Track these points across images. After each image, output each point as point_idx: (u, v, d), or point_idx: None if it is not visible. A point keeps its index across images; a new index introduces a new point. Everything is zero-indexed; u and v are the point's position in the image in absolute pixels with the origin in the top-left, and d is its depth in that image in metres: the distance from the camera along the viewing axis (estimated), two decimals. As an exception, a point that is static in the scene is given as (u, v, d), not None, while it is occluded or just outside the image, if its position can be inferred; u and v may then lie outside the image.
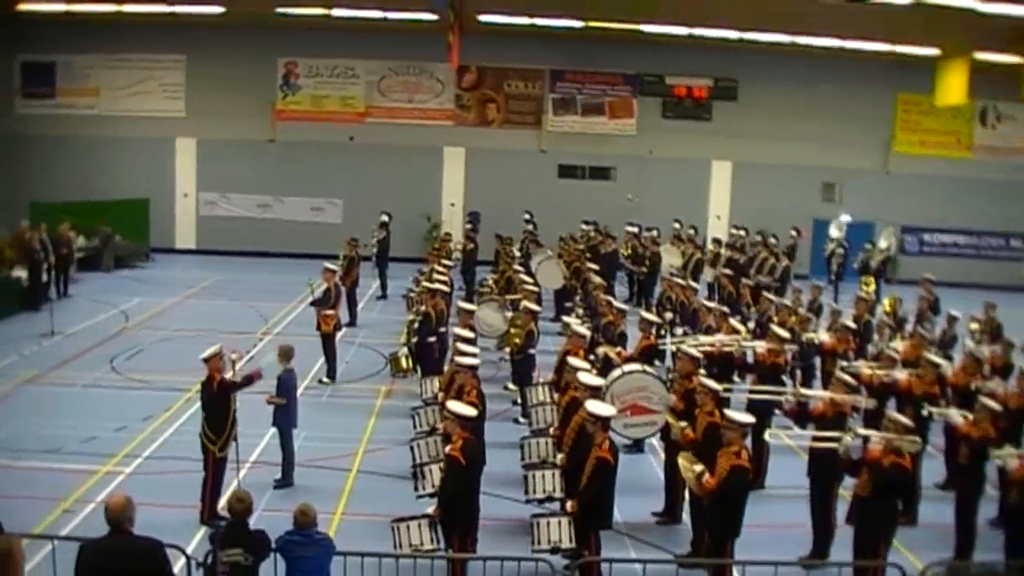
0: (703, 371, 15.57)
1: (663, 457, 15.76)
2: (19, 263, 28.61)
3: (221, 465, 14.11)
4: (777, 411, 16.62)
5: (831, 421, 13.57)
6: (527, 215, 34.93)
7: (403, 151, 39.17)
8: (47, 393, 20.31)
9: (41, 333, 25.03)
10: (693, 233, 33.73)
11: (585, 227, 33.91)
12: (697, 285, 25.34)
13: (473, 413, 12.28)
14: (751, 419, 12.17)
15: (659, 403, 14.50)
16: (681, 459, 12.44)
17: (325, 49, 38.98)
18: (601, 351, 18.05)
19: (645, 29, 34.18)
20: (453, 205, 39.82)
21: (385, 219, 31.82)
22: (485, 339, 21.25)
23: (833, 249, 34.85)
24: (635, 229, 32.87)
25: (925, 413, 14.97)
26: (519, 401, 19.48)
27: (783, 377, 17.48)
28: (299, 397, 16.19)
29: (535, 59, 39.15)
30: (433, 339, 20.19)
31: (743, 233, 33.39)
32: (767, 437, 15.68)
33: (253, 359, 16.67)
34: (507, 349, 20.84)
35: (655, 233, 32.32)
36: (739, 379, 18.34)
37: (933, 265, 33.12)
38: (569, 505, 11.87)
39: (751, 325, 21.11)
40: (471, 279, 30.60)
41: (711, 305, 21.54)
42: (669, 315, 22.29)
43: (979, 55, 33.14)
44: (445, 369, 18.32)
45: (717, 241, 33.04)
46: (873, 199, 38.94)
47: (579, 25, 34.18)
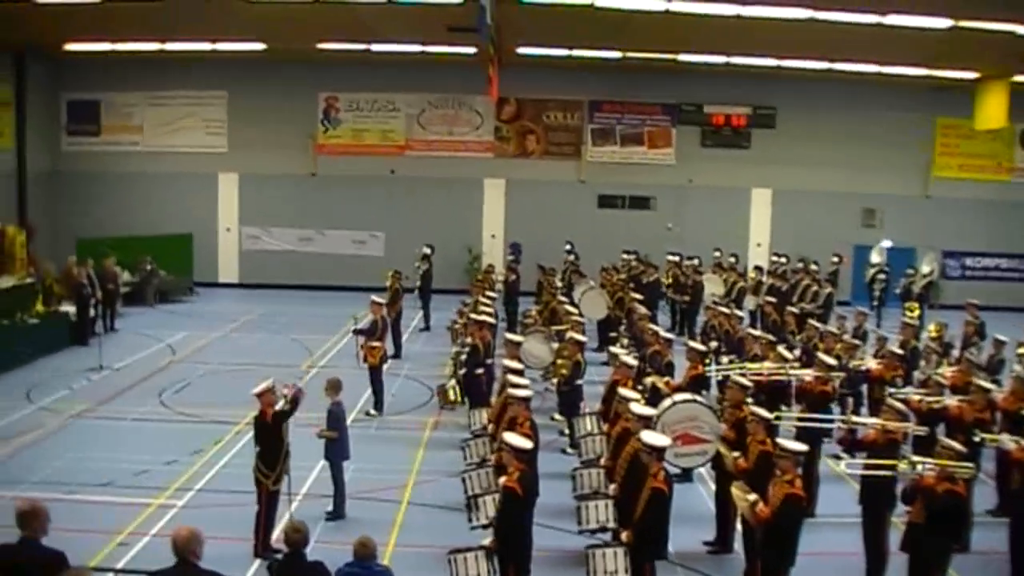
0: (751, 399, 15.56)
1: (713, 486, 15.77)
2: (67, 298, 28.96)
3: (274, 498, 14.21)
4: (826, 439, 16.59)
5: (882, 449, 13.51)
6: (568, 245, 34.96)
7: (443, 183, 39.32)
8: (98, 427, 20.49)
9: (89, 367, 25.25)
10: (734, 261, 33.71)
11: (626, 257, 33.95)
12: (741, 313, 25.32)
13: (529, 445, 12.35)
14: (804, 447, 12.17)
15: (710, 432, 14.52)
16: (735, 488, 12.44)
17: (365, 83, 39.21)
18: (649, 381, 18.06)
19: (682, 59, 34.23)
20: (494, 237, 39.91)
21: (427, 251, 31.98)
22: (531, 370, 21.27)
23: (874, 275, 34.74)
24: (676, 258, 32.90)
25: (977, 439, 14.87)
26: (566, 432, 19.52)
27: (831, 405, 17.43)
28: (348, 428, 16.23)
29: (573, 90, 39.27)
30: (481, 371, 20.26)
31: (784, 260, 33.34)
32: (838, 467, 15.55)
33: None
34: (554, 380, 20.89)
35: (696, 262, 32.34)
36: (785, 407, 18.29)
37: (975, 289, 32.96)
38: (624, 536, 11.87)
39: (796, 353, 21.05)
40: (514, 310, 30.62)
41: (756, 333, 21.50)
42: (714, 344, 22.30)
43: (1018, 78, 33.02)
44: (492, 400, 18.41)
45: (759, 269, 33.00)
46: (913, 224, 38.74)
47: (617, 56, 34.24)
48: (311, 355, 27.22)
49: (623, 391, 14.96)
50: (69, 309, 28.60)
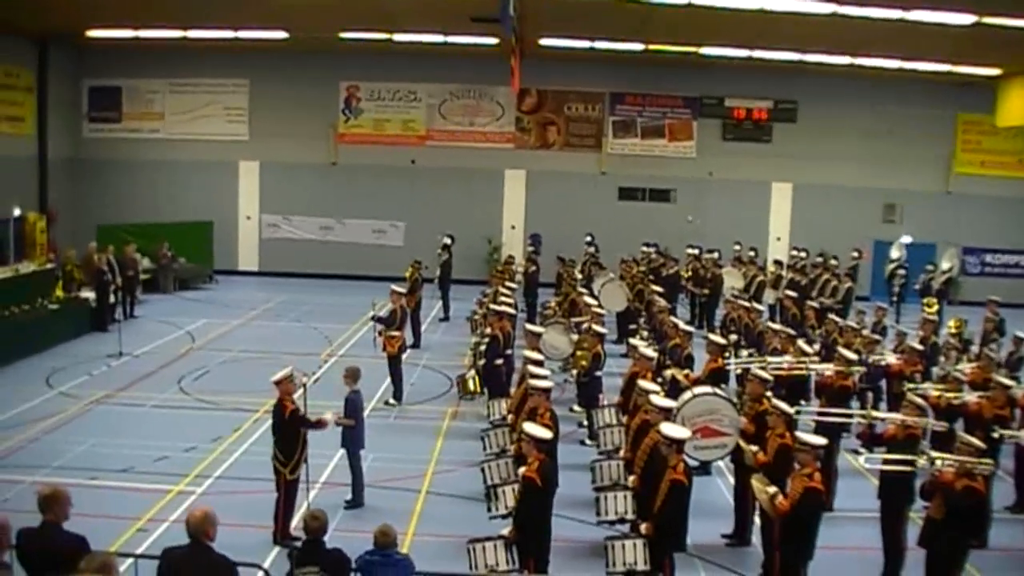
0: (771, 393, 15.54)
1: (731, 479, 15.77)
2: (87, 285, 29.06)
3: (293, 486, 14.25)
4: (844, 434, 16.57)
5: (902, 444, 13.49)
6: (588, 237, 34.92)
7: (464, 174, 39.38)
8: (117, 413, 20.58)
9: (109, 354, 25.36)
10: (754, 255, 33.65)
11: (646, 249, 33.92)
12: (761, 307, 25.29)
13: (549, 435, 12.38)
14: (824, 441, 12.16)
15: (730, 425, 14.50)
16: (755, 481, 12.44)
17: (386, 73, 39.28)
18: (668, 373, 18.06)
19: (704, 52, 34.12)
20: (514, 228, 39.94)
21: (447, 241, 32.03)
22: (550, 361, 21.24)
23: (894, 270, 34.62)
24: (696, 251, 32.87)
25: (996, 435, 14.83)
26: (585, 423, 19.54)
27: (851, 400, 17.40)
28: (366, 418, 16.25)
29: (595, 82, 39.27)
30: (500, 361, 20.30)
31: (804, 255, 33.27)
32: (856, 462, 15.53)
33: (319, 381, 16.77)
34: (573, 371, 20.91)
35: (716, 255, 32.29)
36: (805, 402, 18.27)
37: (995, 286, 32.91)
38: (644, 527, 11.88)
39: (816, 347, 21.00)
40: (533, 301, 30.64)
41: (776, 327, 21.46)
42: (734, 337, 22.27)
43: (1041, 74, 32.92)
44: (512, 391, 18.43)
45: (778, 263, 32.94)
46: (934, 220, 38.64)
47: (639, 48, 34.13)
48: (330, 344, 27.24)
49: (643, 383, 14.95)
50: (89, 295, 28.71)
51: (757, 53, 33.55)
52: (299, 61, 38.28)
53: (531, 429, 12.15)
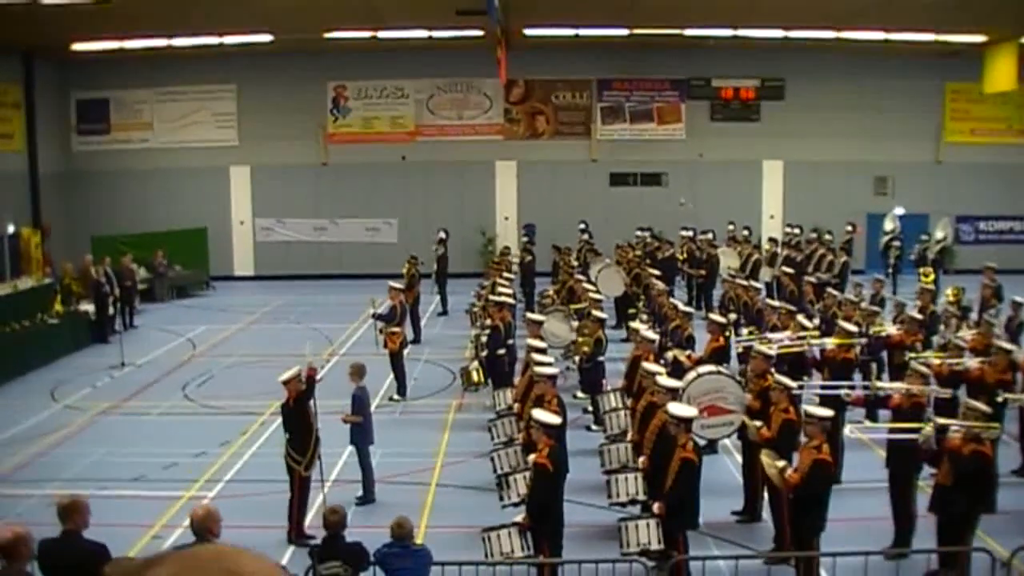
0: (773, 370, 15.60)
1: (738, 457, 15.85)
2: (85, 297, 29.08)
3: (306, 484, 14.34)
4: (849, 406, 16.65)
5: (908, 412, 13.57)
6: (582, 224, 34.93)
7: (455, 167, 39.38)
8: (124, 423, 20.64)
9: (111, 365, 25.42)
10: (748, 234, 33.70)
11: (641, 233, 33.94)
12: (758, 285, 25.36)
13: (558, 421, 12.46)
14: (831, 413, 12.24)
15: (735, 403, 14.56)
16: (764, 455, 12.53)
17: (373, 71, 39.23)
18: (670, 355, 18.13)
19: (689, 33, 34.15)
20: (507, 219, 39.97)
21: (443, 236, 32.07)
22: (551, 349, 21.27)
23: (888, 242, 34.66)
24: (690, 233, 32.92)
25: (1000, 400, 14.92)
26: (589, 409, 19.62)
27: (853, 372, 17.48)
28: (372, 414, 16.36)
29: (582, 69, 39.25)
30: (502, 351, 20.38)
31: (798, 231, 33.33)
32: (848, 432, 15.64)
33: (323, 380, 16.79)
34: (576, 358, 20.98)
35: (710, 236, 32.34)
36: (806, 377, 18.33)
37: (990, 253, 32.86)
38: (656, 507, 11.97)
39: (815, 322, 21.08)
40: (531, 291, 30.64)
41: (775, 304, 21.55)
42: (733, 316, 22.35)
43: (1027, 39, 32.92)
44: (515, 381, 18.51)
45: (773, 240, 33.02)
46: (926, 190, 38.66)
47: (624, 33, 34.19)
48: (331, 343, 27.28)
49: (647, 365, 15.04)
50: (88, 308, 28.72)
51: (742, 31, 33.62)
52: (285, 63, 38.22)
53: (540, 415, 12.23)
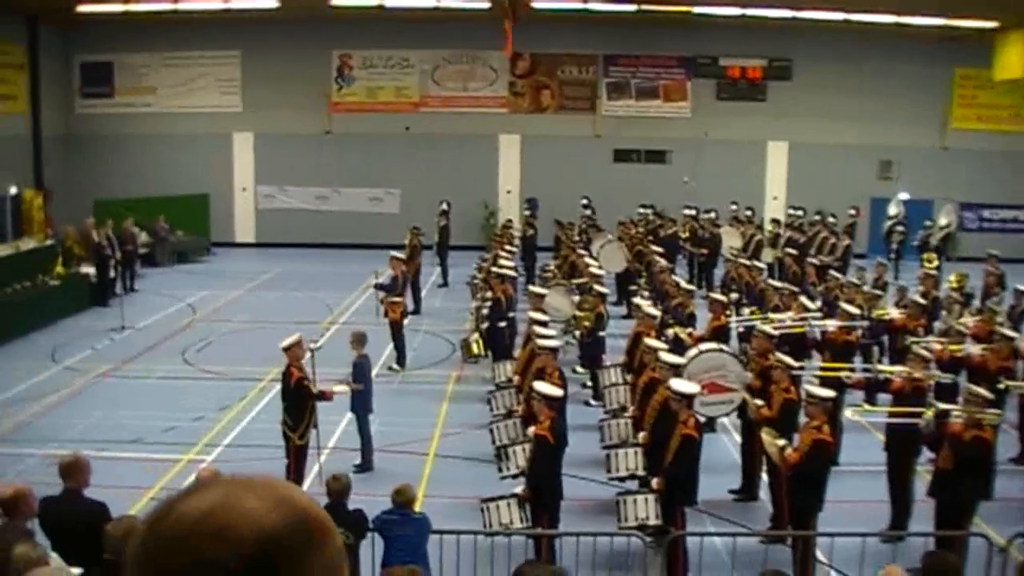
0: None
1: (736, 436, 15.86)
2: (86, 260, 29.04)
3: (302, 452, 14.36)
4: (848, 388, 16.63)
5: (909, 397, 13.56)
6: (585, 200, 34.86)
7: (459, 139, 39.24)
8: (123, 385, 20.67)
9: (111, 328, 25.39)
10: (750, 214, 33.65)
11: (643, 211, 33.88)
12: (761, 265, 25.35)
13: (560, 393, 12.46)
14: (832, 393, 12.23)
15: (736, 381, 14.57)
16: (764, 434, 12.53)
17: (379, 40, 39.04)
18: (671, 332, 18.12)
19: (698, 11, 34.04)
20: (509, 192, 39.86)
21: (445, 207, 32.03)
22: (552, 323, 21.29)
23: (892, 227, 34.60)
24: (693, 212, 32.88)
25: (1002, 387, 14.90)
26: (589, 384, 19.64)
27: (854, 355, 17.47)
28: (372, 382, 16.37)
29: (588, 44, 39.07)
30: (503, 324, 20.39)
31: (801, 213, 33.27)
32: (849, 414, 15.60)
33: (322, 348, 16.80)
34: (576, 332, 20.98)
35: (713, 215, 32.30)
36: (807, 358, 18.32)
37: (994, 241, 32.80)
38: (655, 482, 11.97)
39: (817, 303, 21.06)
40: (532, 265, 30.64)
41: (778, 285, 21.51)
42: (735, 296, 22.34)
43: (1037, 27, 32.80)
44: (516, 353, 18.52)
45: (776, 221, 32.99)
46: (931, 176, 38.49)
47: (632, 9, 34.07)
48: (331, 312, 27.27)
49: (649, 341, 15.03)
50: (89, 271, 28.69)
51: (751, 11, 33.53)
52: (291, 30, 38.04)
53: (542, 387, 12.23)
